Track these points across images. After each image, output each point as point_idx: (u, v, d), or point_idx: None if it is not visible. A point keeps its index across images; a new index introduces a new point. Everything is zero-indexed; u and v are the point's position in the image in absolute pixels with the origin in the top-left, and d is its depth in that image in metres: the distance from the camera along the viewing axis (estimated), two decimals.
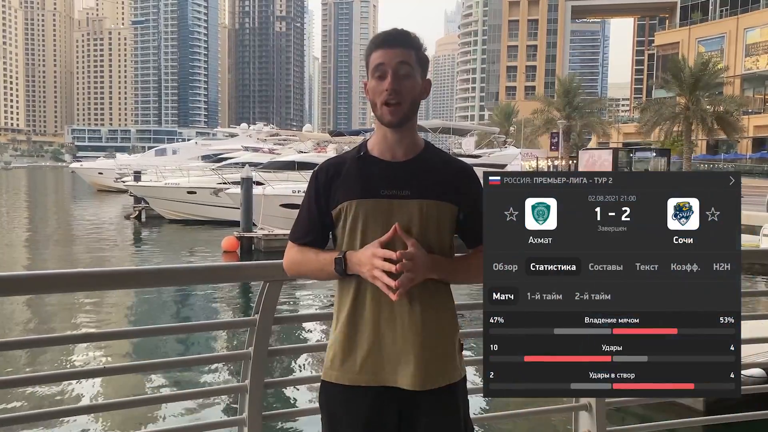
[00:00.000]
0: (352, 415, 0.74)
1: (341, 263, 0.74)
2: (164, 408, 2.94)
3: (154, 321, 5.22)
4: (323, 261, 0.76)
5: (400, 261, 0.70)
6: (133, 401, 1.23)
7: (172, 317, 5.48)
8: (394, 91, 0.73)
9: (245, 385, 0.97)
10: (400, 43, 0.75)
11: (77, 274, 0.95)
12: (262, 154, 16.50)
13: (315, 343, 3.47)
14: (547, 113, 24.21)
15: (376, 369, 0.74)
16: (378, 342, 0.74)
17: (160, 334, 3.29)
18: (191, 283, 4.46)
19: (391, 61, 0.74)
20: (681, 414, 2.27)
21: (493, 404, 2.44)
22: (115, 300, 5.86)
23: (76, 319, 5.24)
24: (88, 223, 13.27)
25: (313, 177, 0.79)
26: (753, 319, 1.26)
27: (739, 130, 18.75)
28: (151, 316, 5.45)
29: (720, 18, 25.87)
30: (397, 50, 0.74)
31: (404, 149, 0.77)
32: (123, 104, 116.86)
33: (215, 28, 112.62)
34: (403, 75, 0.74)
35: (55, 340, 1.49)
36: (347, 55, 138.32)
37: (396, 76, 0.73)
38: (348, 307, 0.76)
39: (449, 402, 0.75)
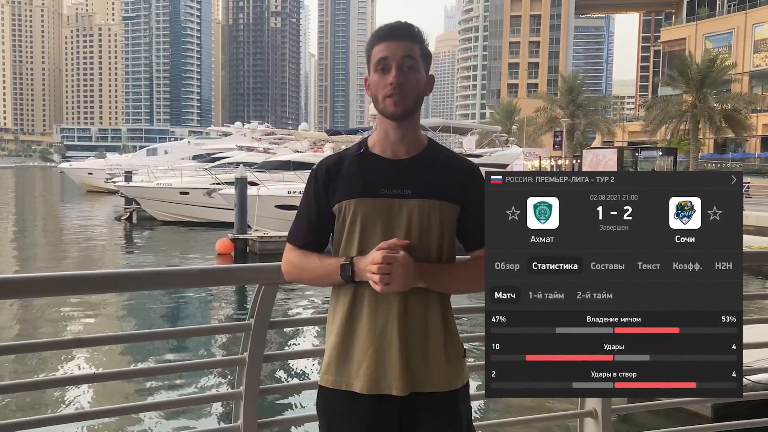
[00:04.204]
0: (353, 422, 0.73)
1: (348, 270, 0.71)
2: (157, 416, 2.89)
3: (146, 326, 5.15)
4: (328, 267, 0.73)
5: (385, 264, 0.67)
6: (124, 408, 1.20)
7: (164, 322, 5.39)
8: (398, 85, 0.71)
9: (240, 392, 0.95)
10: (404, 36, 0.72)
11: (66, 277, 0.91)
12: (256, 154, 16.35)
13: (311, 347, 3.41)
14: (550, 111, 23.20)
15: (374, 375, 0.72)
16: (374, 347, 0.72)
17: (152, 339, 3.23)
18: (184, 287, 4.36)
19: (395, 55, 0.71)
20: (688, 421, 2.23)
21: (497, 411, 2.44)
22: (106, 304, 5.75)
23: (64, 323, 5.15)
24: (77, 225, 13.04)
25: (311, 176, 0.76)
26: (762, 323, 1.24)
27: (747, 128, 18.09)
28: (143, 321, 5.36)
29: (728, 13, 24.84)
30: (401, 43, 0.72)
31: (406, 147, 0.75)
32: (113, 102, 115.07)
33: (208, 24, 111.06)
34: (407, 69, 0.72)
35: (43, 345, 1.44)
36: (344, 51, 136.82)
37: (400, 69, 0.71)
38: (345, 311, 0.74)
39: (451, 409, 0.74)
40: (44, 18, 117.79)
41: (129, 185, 13.45)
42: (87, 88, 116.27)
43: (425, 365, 0.72)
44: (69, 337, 2.06)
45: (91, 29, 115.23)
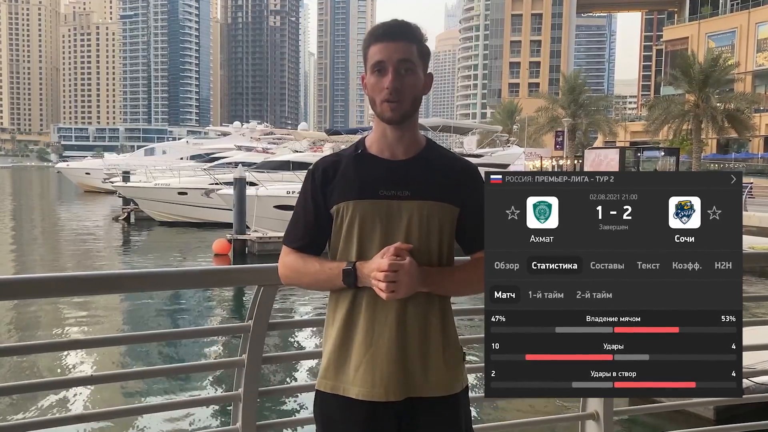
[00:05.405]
0: (350, 428, 0.72)
1: (351, 275, 0.69)
2: (154, 418, 2.86)
3: (144, 327, 5.12)
4: (329, 272, 0.71)
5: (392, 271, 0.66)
6: (122, 411, 1.19)
7: (162, 323, 5.34)
8: (395, 89, 0.70)
9: (239, 394, 0.94)
10: (401, 37, 0.71)
11: (63, 278, 0.91)
12: (255, 154, 16.31)
13: (311, 349, 3.42)
14: (551, 111, 22.79)
15: (370, 381, 0.71)
16: (372, 353, 0.71)
17: (149, 341, 3.21)
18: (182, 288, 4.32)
19: (392, 57, 0.70)
20: (690, 423, 2.19)
21: (497, 414, 2.42)
22: (103, 305, 5.71)
23: (61, 325, 5.10)
24: (74, 226, 12.98)
25: (308, 176, 0.75)
26: (766, 324, 1.23)
27: (750, 128, 17.85)
28: (141, 322, 5.33)
29: (731, 12, 24.44)
30: (398, 44, 0.70)
31: (404, 147, 0.74)
32: (111, 102, 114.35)
33: (207, 22, 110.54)
34: (404, 72, 0.70)
35: (40, 347, 1.44)
36: (344, 50, 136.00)
37: (397, 73, 0.70)
38: (343, 315, 0.73)
39: (450, 413, 0.73)
40: (41, 16, 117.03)
41: (127, 185, 13.38)
42: (84, 87, 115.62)
43: (424, 370, 0.72)
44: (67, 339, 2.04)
45: (89, 28, 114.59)
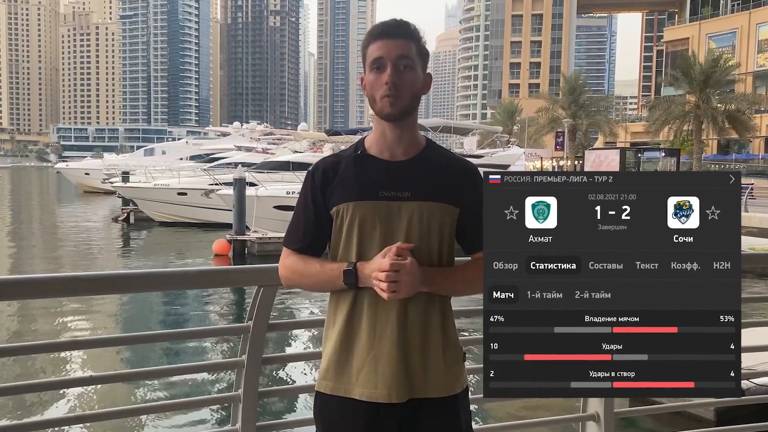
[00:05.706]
0: (351, 429, 0.72)
1: (352, 276, 0.69)
2: (155, 418, 2.87)
3: (144, 327, 5.13)
4: (330, 273, 0.71)
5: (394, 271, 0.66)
6: (121, 411, 1.19)
7: (161, 324, 5.35)
8: (393, 84, 0.70)
9: (238, 395, 0.94)
10: (399, 35, 0.71)
11: (64, 278, 0.91)
12: (255, 154, 16.31)
13: (311, 350, 3.41)
14: (551, 112, 22.74)
15: (372, 382, 0.71)
16: (374, 354, 0.71)
17: (149, 341, 3.20)
18: (182, 288, 4.37)
19: (391, 54, 0.70)
20: (691, 425, 2.20)
21: (497, 416, 2.41)
22: (103, 306, 5.70)
23: (61, 325, 5.10)
24: (74, 226, 12.96)
25: (308, 177, 0.75)
26: (766, 325, 1.23)
27: (751, 129, 17.89)
28: (140, 323, 5.34)
29: (731, 13, 24.47)
30: (397, 42, 0.71)
31: (404, 147, 0.74)
32: (110, 102, 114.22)
33: (207, 22, 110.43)
34: (403, 68, 0.71)
35: (40, 347, 1.44)
36: (344, 51, 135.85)
37: (396, 68, 0.70)
38: (344, 316, 0.73)
39: (450, 414, 0.73)
40: (41, 16, 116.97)
41: (126, 186, 13.37)
42: (84, 87, 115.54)
43: (424, 371, 0.72)
44: (67, 339, 2.04)
45: (89, 28, 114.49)
